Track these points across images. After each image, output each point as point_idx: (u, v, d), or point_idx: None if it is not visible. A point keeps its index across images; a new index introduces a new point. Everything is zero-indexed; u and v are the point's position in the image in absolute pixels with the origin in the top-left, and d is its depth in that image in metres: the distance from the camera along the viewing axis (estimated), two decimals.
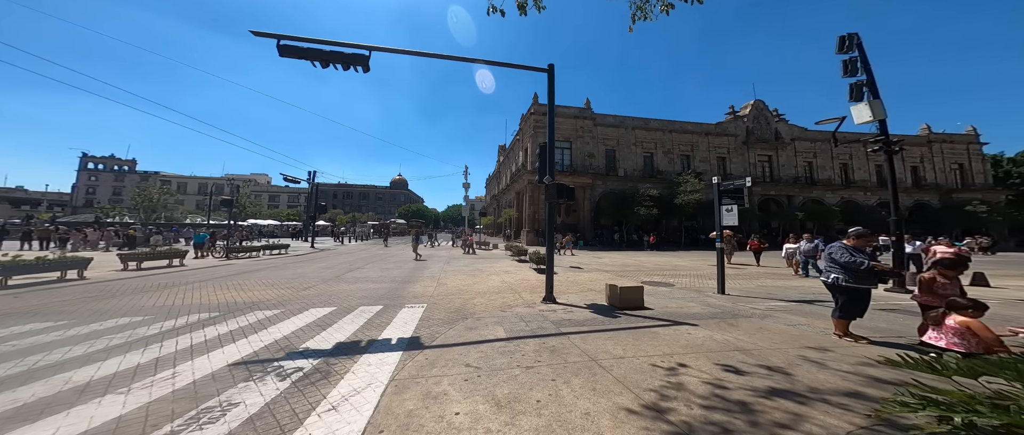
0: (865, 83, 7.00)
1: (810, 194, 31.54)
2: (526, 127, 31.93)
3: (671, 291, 7.14)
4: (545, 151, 6.50)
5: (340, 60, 5.29)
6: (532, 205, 28.89)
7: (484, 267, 11.47)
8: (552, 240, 6.10)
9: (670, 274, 10.28)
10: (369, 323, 4.56)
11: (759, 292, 7.04)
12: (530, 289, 7.39)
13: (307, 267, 10.78)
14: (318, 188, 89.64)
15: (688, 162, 31.60)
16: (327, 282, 7.88)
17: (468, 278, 8.96)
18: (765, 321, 4.56)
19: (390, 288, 7.21)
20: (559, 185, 5.79)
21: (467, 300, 6.17)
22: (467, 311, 5.30)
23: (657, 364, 3.02)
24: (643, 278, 9.31)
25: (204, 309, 5.25)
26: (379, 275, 9.22)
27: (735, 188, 6.63)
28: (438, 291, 7.03)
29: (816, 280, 8.94)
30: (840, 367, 2.86)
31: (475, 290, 7.25)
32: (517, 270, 10.68)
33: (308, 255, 16.02)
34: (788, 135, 32.18)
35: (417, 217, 65.40)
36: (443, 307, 5.57)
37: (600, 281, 8.60)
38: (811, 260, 9.31)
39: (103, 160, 62.97)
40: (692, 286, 7.89)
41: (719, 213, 6.60)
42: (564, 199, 5.77)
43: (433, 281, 8.38)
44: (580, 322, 4.58)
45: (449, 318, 4.87)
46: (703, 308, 5.40)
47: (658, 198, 27.10)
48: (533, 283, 8.19)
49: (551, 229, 6.13)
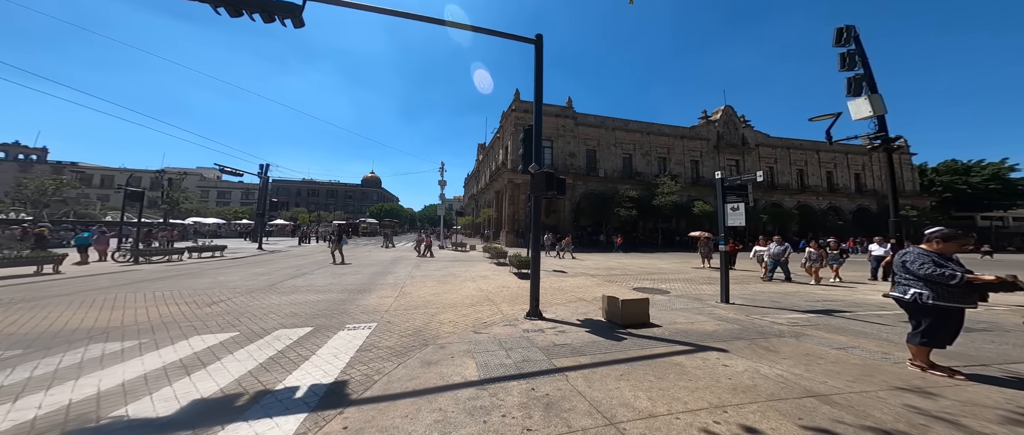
0: (863, 77, 6.67)
1: (771, 198, 33.52)
2: (507, 124, 30.85)
3: (669, 300, 6.33)
4: (531, 135, 5.38)
5: (257, 6, 3.78)
6: (512, 204, 27.83)
7: (458, 272, 10.14)
8: (538, 241, 4.98)
9: (659, 278, 9.62)
10: (276, 359, 3.14)
11: (761, 300, 6.43)
12: (511, 299, 6.23)
13: (235, 273, 8.78)
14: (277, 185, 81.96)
15: (664, 164, 32.27)
16: (250, 294, 6.16)
17: (438, 286, 7.61)
18: (803, 342, 3.75)
19: (335, 301, 5.70)
20: (548, 174, 4.70)
21: (432, 316, 4.87)
22: (429, 334, 4.02)
23: (711, 431, 1.97)
24: (632, 283, 8.51)
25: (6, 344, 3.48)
26: (327, 283, 7.58)
27: (739, 184, 5.95)
28: (397, 304, 5.65)
29: (795, 284, 8.68)
30: (983, 430, 1.97)
31: (444, 301, 5.96)
32: (495, 275, 9.48)
33: (249, 258, 13.64)
34: (753, 141, 34.03)
35: (391, 217, 61.77)
36: (398, 328, 4.24)
37: (589, 288, 7.65)
38: (780, 263, 9.04)
39: (5, 147, 52.55)
40: (688, 292, 7.17)
41: (723, 212, 5.87)
42: (553, 192, 4.69)
43: (394, 290, 6.95)
44: (577, 349, 3.50)
45: (402, 346, 3.57)
46: (718, 323, 4.55)
47: (637, 199, 27.24)
48: (514, 291, 7.04)
49: (537, 228, 5.02)
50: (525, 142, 5.52)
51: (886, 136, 6.49)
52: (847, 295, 7.05)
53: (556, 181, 4.76)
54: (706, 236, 13.49)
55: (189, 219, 35.84)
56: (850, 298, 6.72)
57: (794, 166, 35.09)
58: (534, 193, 4.93)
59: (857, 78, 6.77)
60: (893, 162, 6.58)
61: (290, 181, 71.58)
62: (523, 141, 5.59)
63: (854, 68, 6.87)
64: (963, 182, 36.12)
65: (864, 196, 35.72)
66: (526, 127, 5.56)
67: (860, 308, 5.74)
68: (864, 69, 6.82)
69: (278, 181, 70.93)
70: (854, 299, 6.62)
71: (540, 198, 4.98)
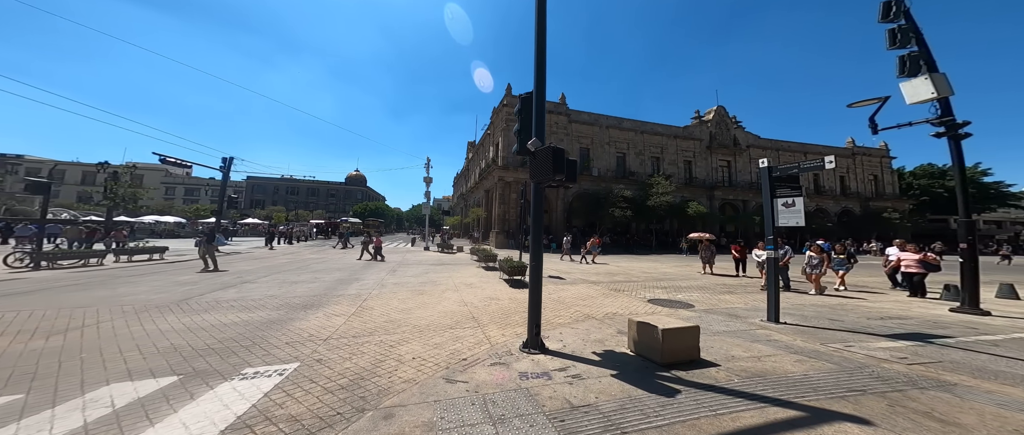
0: (919, 55, 5.67)
1: (760, 200, 33.54)
2: (498, 120, 29.47)
3: (699, 317, 5.09)
4: (531, 102, 4.03)
5: None
6: (502, 204, 26.43)
7: (439, 279, 8.66)
8: (539, 242, 3.63)
9: (669, 285, 8.45)
10: None
11: (809, 316, 5.28)
12: (501, 317, 4.85)
13: (150, 283, 6.98)
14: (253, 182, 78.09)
15: (658, 164, 31.70)
16: (142, 313, 4.49)
17: (411, 297, 6.13)
18: (966, 398, 2.46)
19: (258, 324, 4.14)
20: (555, 151, 3.34)
21: (389, 349, 3.42)
22: (375, 385, 2.60)
23: None
24: (643, 293, 7.28)
25: None
26: (266, 295, 5.96)
27: (790, 175, 4.80)
28: (347, 327, 4.16)
29: (799, 292, 7.68)
30: None
31: (414, 322, 4.51)
32: (483, 283, 8.06)
33: (190, 262, 11.67)
34: (744, 142, 33.99)
35: (376, 216, 59.05)
36: (327, 374, 2.78)
37: (595, 299, 6.35)
38: (781, 270, 8.03)
39: None
40: (716, 306, 5.97)
41: (772, 209, 4.69)
42: (561, 175, 3.34)
43: (352, 304, 5.42)
44: (610, 416, 2.17)
45: (318, 415, 2.14)
46: (796, 358, 3.31)
47: (631, 200, 26.43)
48: (505, 305, 5.66)
49: (538, 226, 3.67)
50: (523, 112, 4.14)
51: (953, 120, 5.46)
52: (902, 310, 5.98)
53: (564, 161, 3.41)
54: (708, 238, 12.49)
55: (149, 217, 32.57)
56: (911, 314, 5.65)
57: None
58: (535, 178, 3.57)
59: (912, 56, 5.76)
60: (962, 152, 5.55)
61: (268, 178, 67.61)
62: (519, 113, 4.22)
63: (907, 45, 5.87)
64: (940, 185, 37.35)
65: (848, 198, 36.36)
66: (525, 94, 4.18)
67: (944, 328, 4.66)
68: (919, 46, 5.82)
69: (255, 178, 66.90)
70: (916, 314, 5.57)
71: (543, 184, 3.61)
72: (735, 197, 32.70)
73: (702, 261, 11.62)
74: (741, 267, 10.61)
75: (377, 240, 13.52)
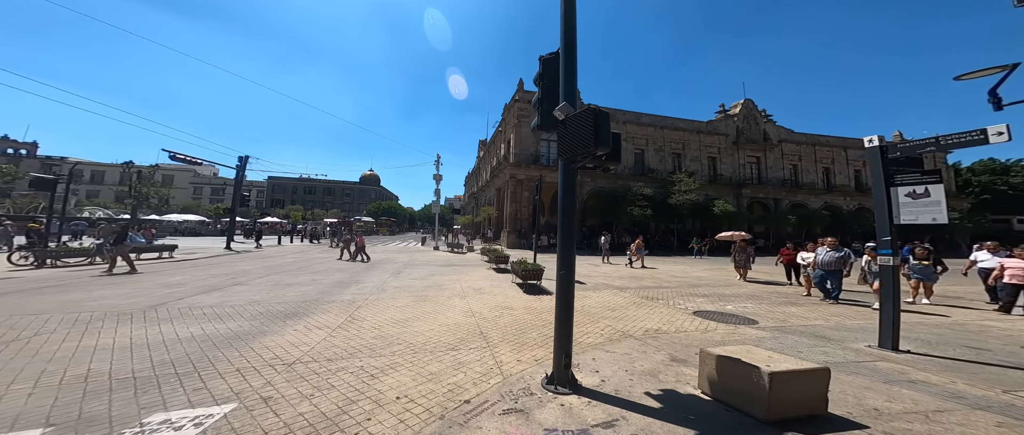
0: None
1: (795, 198, 30.99)
2: (509, 117, 28.61)
3: (774, 337, 3.98)
4: (556, 62, 3.12)
5: None
6: (514, 202, 25.53)
7: (446, 282, 7.85)
8: (571, 243, 2.68)
9: (712, 294, 7.26)
10: None
11: (937, 343, 4.05)
12: (515, 334, 3.93)
13: (133, 285, 6.51)
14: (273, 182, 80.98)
15: (679, 161, 29.87)
16: (97, 322, 3.87)
17: (411, 306, 5.32)
18: None
19: (220, 339, 3.42)
20: (596, 112, 2.36)
21: (368, 382, 2.58)
22: None
23: None
24: (683, 303, 6.16)
25: None
26: (250, 300, 5.31)
27: (913, 158, 3.62)
28: (325, 345, 3.36)
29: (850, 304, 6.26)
30: None
31: (408, 339, 3.67)
32: (494, 287, 7.17)
33: (196, 261, 11.44)
34: (776, 136, 31.53)
35: (389, 215, 59.61)
36: (269, 422, 1.94)
37: (626, 310, 5.32)
38: (832, 277, 6.35)
39: None
40: (788, 323, 4.80)
41: (890, 201, 3.53)
42: (603, 148, 2.35)
43: (341, 313, 4.66)
44: None
45: None
46: (994, 419, 2.19)
47: (651, 198, 24.89)
48: (520, 317, 4.74)
49: (570, 220, 2.72)
50: (547, 73, 3.19)
51: None
52: None
53: (608, 129, 2.43)
54: (743, 239, 10.95)
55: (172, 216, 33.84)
56: None
57: (820, 164, 32.51)
58: (566, 156, 2.62)
59: None
60: None
61: (288, 178, 69.79)
62: (540, 78, 3.27)
63: None
64: (1003, 182, 33.38)
65: None
66: (548, 55, 3.24)
67: None
68: None
69: (275, 178, 69.27)
70: None
71: (577, 164, 2.66)
72: (766, 195, 30.36)
73: (736, 265, 10.10)
74: (793, 274, 9.07)
75: (360, 239, 12.53)
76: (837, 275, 6.35)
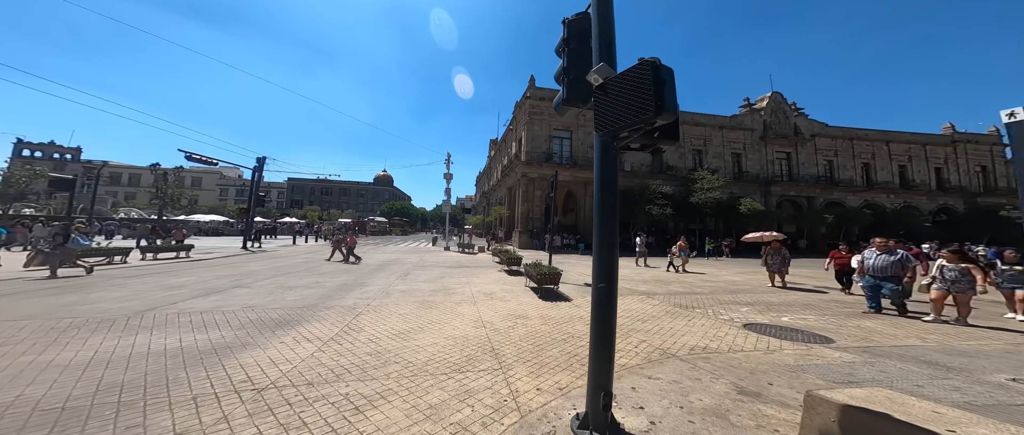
0: None
1: (830, 196, 28.69)
2: (520, 114, 28.01)
3: (866, 363, 3.16)
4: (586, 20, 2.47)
5: None
6: (526, 201, 24.89)
7: (455, 285, 7.31)
8: (610, 243, 2.01)
9: (756, 302, 6.35)
10: None
11: None
12: (533, 350, 3.31)
13: (133, 287, 6.33)
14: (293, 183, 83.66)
15: (700, 158, 28.30)
16: (66, 333, 3.55)
17: (416, 312, 4.80)
18: None
19: (199, 351, 3.00)
20: (654, 66, 1.69)
21: (349, 420, 2.04)
22: None
23: None
24: (725, 312, 5.32)
25: None
26: (253, 303, 4.95)
27: None
28: (310, 362, 2.86)
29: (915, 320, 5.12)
30: None
31: (407, 356, 3.13)
32: (507, 292, 6.56)
33: (210, 261, 11.50)
34: (808, 130, 29.32)
35: (402, 215, 60.32)
36: None
37: (660, 321, 4.57)
38: (889, 285, 5.13)
39: (41, 147, 55.36)
40: (875, 342, 3.93)
41: None
42: (663, 113, 1.68)
43: (338, 322, 4.19)
44: None
45: None
46: None
47: (670, 196, 23.59)
48: (536, 329, 4.11)
49: (608, 215, 2.06)
50: (571, 41, 2.53)
51: None
52: None
53: (673, 94, 1.74)
54: (776, 239, 9.48)
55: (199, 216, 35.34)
56: None
57: (858, 159, 29.97)
58: (606, 131, 1.93)
59: None
60: None
61: (306, 179, 72.10)
62: (564, 43, 2.62)
63: None
64: None
65: (947, 194, 30.03)
66: (573, 17, 2.58)
67: None
68: None
69: (294, 179, 71.77)
70: None
71: (619, 142, 2.00)
72: (797, 193, 28.28)
73: (769, 270, 8.84)
74: (845, 280, 7.69)
75: (351, 239, 11.85)
76: (895, 283, 5.22)
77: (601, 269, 1.98)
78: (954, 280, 4.88)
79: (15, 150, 53.71)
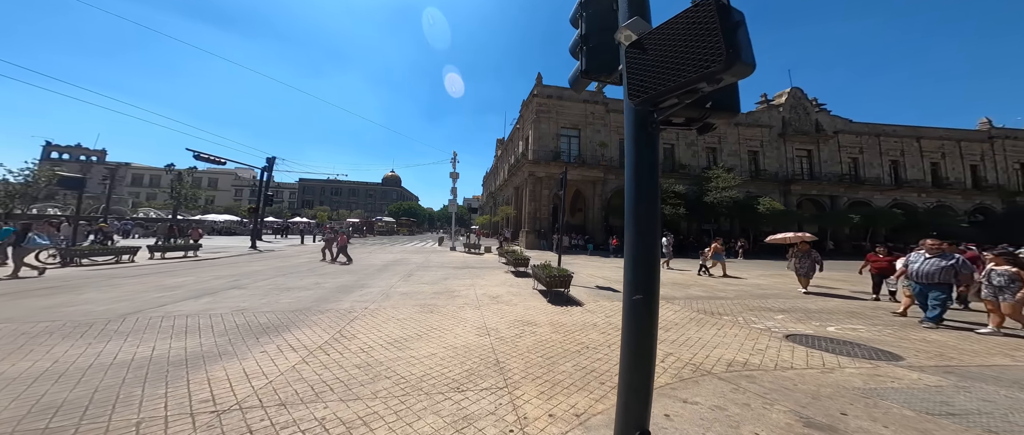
0: None
1: (855, 195, 27.20)
2: (527, 113, 27.60)
3: (957, 388, 2.60)
4: None
5: None
6: (533, 201, 24.42)
7: (459, 288, 6.93)
8: (650, 244, 1.56)
9: (792, 309, 5.73)
10: None
11: None
12: (543, 365, 2.88)
13: (128, 287, 6.16)
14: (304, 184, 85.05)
15: (714, 156, 27.27)
16: (35, 340, 3.30)
17: (416, 318, 4.42)
18: None
19: (169, 362, 2.69)
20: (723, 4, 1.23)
21: None
22: None
23: None
24: (759, 321, 4.75)
25: None
26: (244, 305, 4.68)
27: None
28: (289, 377, 2.50)
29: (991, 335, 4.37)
30: None
31: (400, 370, 2.75)
32: (514, 296, 6.14)
33: (215, 260, 11.46)
34: (830, 127, 27.91)
35: (409, 216, 60.65)
36: None
37: (685, 328, 4.06)
38: (934, 292, 4.43)
39: (68, 150, 58.07)
40: (955, 360, 3.33)
41: None
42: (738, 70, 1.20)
43: (330, 328, 3.84)
44: None
45: None
46: None
47: (683, 195, 22.73)
48: (546, 338, 3.67)
49: (649, 211, 1.61)
50: (590, 4, 2.08)
51: None
52: None
53: (748, 40, 1.26)
54: (805, 241, 8.56)
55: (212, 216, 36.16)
56: None
57: (886, 156, 28.36)
58: (643, 97, 1.48)
59: None
60: None
61: (316, 180, 73.41)
62: (581, 8, 2.17)
63: None
64: None
65: (984, 192, 28.10)
66: None
67: None
68: None
69: (305, 180, 73.18)
70: None
71: (663, 111, 1.54)
72: (819, 192, 26.93)
73: (797, 274, 8.05)
74: (880, 286, 6.94)
75: (342, 238, 11.19)
76: (945, 290, 4.50)
77: (637, 276, 1.53)
78: (1002, 287, 4.21)
79: (44, 153, 56.35)
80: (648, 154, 1.65)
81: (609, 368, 2.94)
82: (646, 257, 1.54)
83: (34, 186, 18.26)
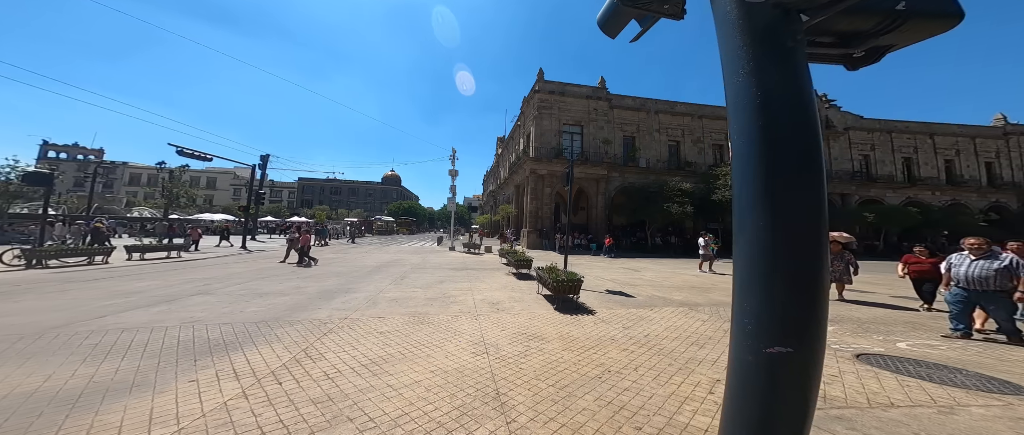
0: None
1: (867, 193, 26.41)
2: (528, 109, 26.91)
3: None
4: None
5: None
6: (535, 199, 23.73)
7: (456, 292, 6.24)
8: (818, 231, 0.85)
9: (845, 320, 4.98)
10: None
11: None
12: (556, 397, 2.16)
13: (81, 292, 5.48)
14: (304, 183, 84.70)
15: (721, 153, 26.53)
16: None
17: (402, 330, 3.73)
18: None
19: (58, 399, 1.99)
20: None
21: None
22: None
23: None
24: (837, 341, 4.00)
25: None
26: (200, 316, 4.00)
27: None
28: (210, 422, 1.80)
29: None
30: None
31: (368, 408, 2.05)
32: (516, 302, 5.43)
33: (199, 261, 10.82)
34: (841, 123, 27.10)
35: (409, 215, 60.00)
36: None
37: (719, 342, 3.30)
38: (988, 302, 3.73)
39: (66, 149, 57.66)
40: None
41: None
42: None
43: (295, 345, 3.16)
44: None
45: None
46: None
47: (690, 194, 22.01)
48: (556, 357, 2.97)
49: (814, 175, 0.90)
50: None
51: None
52: None
53: None
54: (837, 242, 7.57)
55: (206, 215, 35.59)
56: None
57: (898, 154, 27.55)
58: None
59: None
60: None
61: (316, 179, 72.88)
62: None
63: None
64: None
65: (999, 190, 27.27)
66: None
67: None
68: None
69: (305, 180, 72.68)
70: None
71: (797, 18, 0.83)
72: (831, 190, 26.14)
73: (832, 278, 6.86)
74: (928, 292, 6.00)
75: (304, 238, 10.36)
76: (1002, 299, 3.71)
77: (774, 309, 0.81)
78: None
79: (41, 151, 55.97)
80: (793, 87, 0.94)
81: (643, 404, 2.24)
82: (806, 275, 0.81)
83: (15, 184, 17.69)
